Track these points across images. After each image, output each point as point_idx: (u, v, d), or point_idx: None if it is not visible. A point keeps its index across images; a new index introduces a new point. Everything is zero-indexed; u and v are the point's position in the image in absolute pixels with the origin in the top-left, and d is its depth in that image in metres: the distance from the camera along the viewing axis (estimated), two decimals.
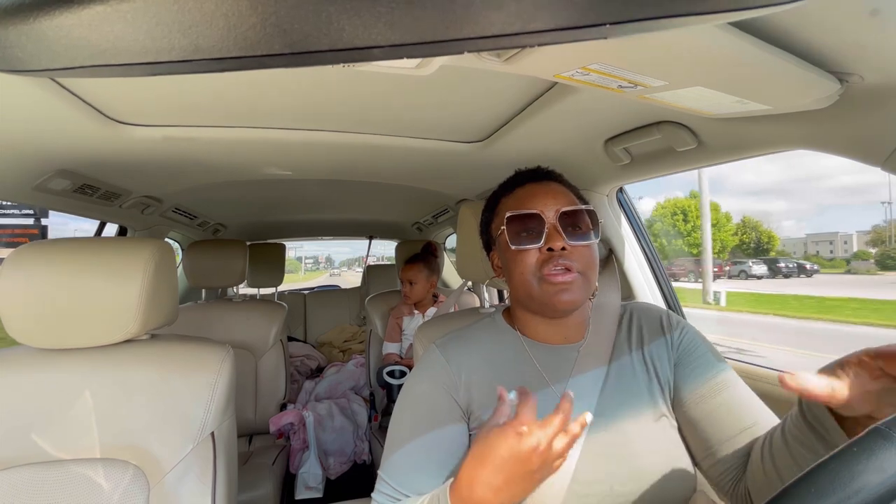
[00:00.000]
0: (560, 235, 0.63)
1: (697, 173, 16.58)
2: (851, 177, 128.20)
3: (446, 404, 0.65)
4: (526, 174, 0.73)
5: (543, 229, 0.64)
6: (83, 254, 0.81)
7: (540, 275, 0.63)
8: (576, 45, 0.44)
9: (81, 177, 1.10)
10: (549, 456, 0.48)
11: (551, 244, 0.63)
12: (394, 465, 0.62)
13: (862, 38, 0.47)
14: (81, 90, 0.74)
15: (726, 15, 0.22)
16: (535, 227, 0.64)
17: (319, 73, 0.71)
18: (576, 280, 0.62)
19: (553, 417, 0.49)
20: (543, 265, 0.63)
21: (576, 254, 0.63)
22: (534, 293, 0.64)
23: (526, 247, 0.64)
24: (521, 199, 0.68)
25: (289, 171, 1.32)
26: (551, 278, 0.62)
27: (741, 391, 0.63)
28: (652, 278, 1.28)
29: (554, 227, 0.64)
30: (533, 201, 0.66)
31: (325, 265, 59.60)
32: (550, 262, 0.62)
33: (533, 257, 0.64)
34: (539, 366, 0.67)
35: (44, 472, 0.74)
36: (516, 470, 0.48)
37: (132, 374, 0.81)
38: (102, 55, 0.19)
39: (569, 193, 0.69)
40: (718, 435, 0.61)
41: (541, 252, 0.64)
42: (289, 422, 1.81)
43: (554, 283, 0.62)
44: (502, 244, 0.68)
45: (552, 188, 0.69)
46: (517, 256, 0.65)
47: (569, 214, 0.65)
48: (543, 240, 0.63)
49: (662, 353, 0.67)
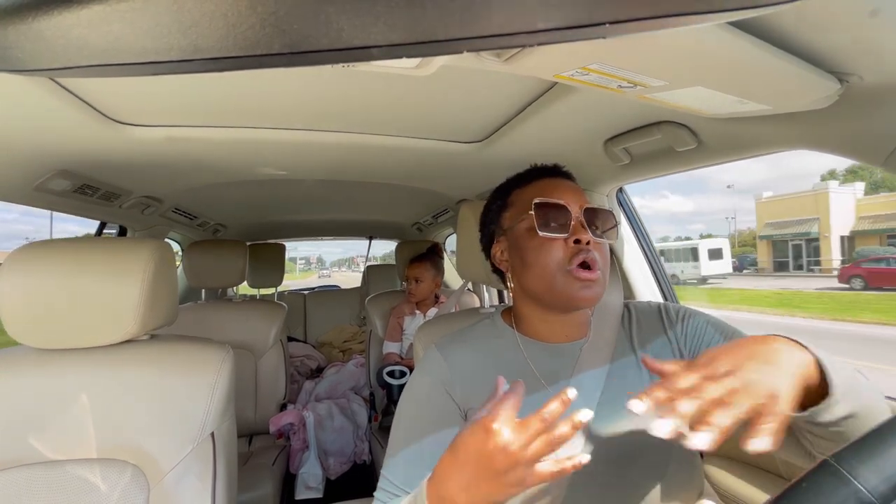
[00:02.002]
0: (586, 230, 0.63)
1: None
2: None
3: (445, 405, 0.65)
4: (545, 169, 0.72)
5: (569, 221, 0.63)
6: (83, 254, 0.81)
7: (567, 268, 0.62)
8: (575, 44, 0.44)
9: (81, 177, 1.10)
10: (520, 457, 0.43)
11: (578, 236, 0.62)
12: (395, 465, 0.62)
13: (861, 39, 0.47)
14: (81, 90, 0.74)
15: (726, 14, 0.22)
16: (561, 219, 0.64)
17: (319, 73, 0.71)
18: (599, 278, 0.62)
19: (532, 418, 0.45)
20: (572, 258, 0.62)
21: (598, 251, 0.63)
22: (556, 286, 0.63)
23: (554, 235, 0.63)
24: (544, 189, 0.67)
25: (289, 171, 1.32)
26: (577, 273, 0.61)
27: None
28: (652, 278, 1.29)
29: (580, 221, 0.64)
30: (559, 193, 0.66)
31: (315, 265, 59.00)
32: (578, 255, 0.62)
33: (559, 249, 0.63)
34: (536, 367, 0.67)
35: (42, 472, 0.74)
36: (482, 468, 0.45)
37: (132, 375, 0.81)
38: (102, 55, 0.19)
39: (583, 192, 0.69)
40: None
41: (567, 244, 0.63)
42: (289, 422, 1.81)
43: (580, 279, 0.61)
44: (521, 232, 0.67)
45: (571, 185, 0.69)
46: (543, 245, 0.64)
47: (592, 212, 0.65)
48: (571, 231, 0.63)
49: (665, 350, 0.67)
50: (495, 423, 0.44)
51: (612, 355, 0.67)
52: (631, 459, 0.60)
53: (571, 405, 0.63)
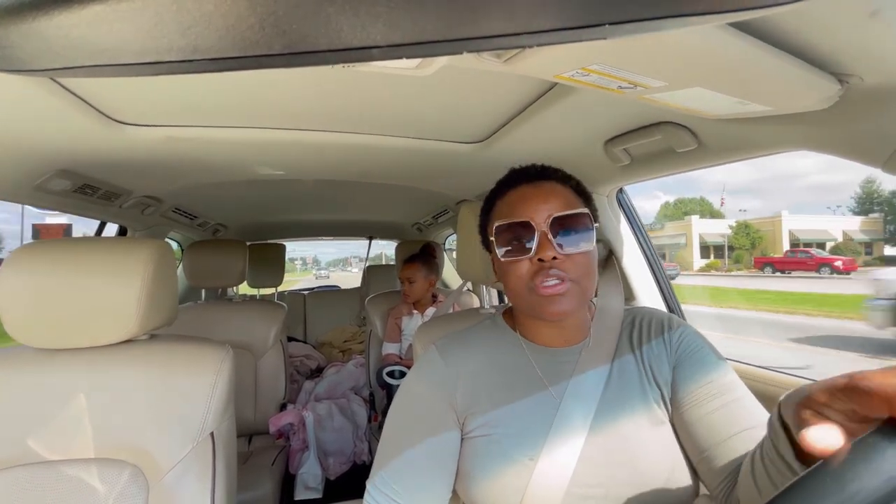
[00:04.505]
0: (551, 244, 0.60)
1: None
2: (824, 175, 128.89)
3: (441, 409, 0.64)
4: (519, 174, 0.69)
5: (534, 238, 0.61)
6: (83, 254, 0.81)
7: (531, 285, 0.61)
8: (576, 45, 0.44)
9: (82, 177, 1.10)
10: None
11: (542, 255, 0.60)
12: (386, 473, 0.61)
13: (862, 39, 0.47)
14: (82, 90, 0.74)
15: (726, 15, 0.21)
16: (525, 236, 0.62)
17: (319, 73, 0.71)
18: (568, 290, 0.60)
19: None
20: (534, 276, 0.61)
21: (569, 262, 0.61)
22: (525, 303, 0.63)
23: (515, 258, 0.62)
24: (511, 204, 0.65)
25: (289, 171, 1.32)
26: (541, 291, 0.60)
27: (740, 396, 0.61)
28: (652, 279, 1.28)
29: (545, 235, 0.61)
30: (523, 207, 0.63)
31: (312, 265, 58.56)
32: (541, 272, 0.60)
33: (524, 268, 0.62)
34: (539, 369, 0.66)
35: (42, 472, 0.74)
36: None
37: (132, 375, 0.81)
38: (102, 55, 0.19)
39: (565, 192, 0.65)
40: (711, 439, 0.59)
41: (531, 262, 0.62)
42: (288, 422, 1.81)
43: (544, 296, 0.60)
44: (494, 250, 0.66)
45: (545, 189, 0.65)
46: (509, 266, 0.63)
47: (561, 220, 0.62)
48: (534, 250, 0.61)
49: (662, 356, 0.66)
50: None
51: (612, 357, 0.67)
52: (631, 460, 0.60)
53: (572, 405, 0.64)
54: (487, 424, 0.63)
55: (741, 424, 0.58)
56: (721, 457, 0.58)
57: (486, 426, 0.62)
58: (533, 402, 0.64)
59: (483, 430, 0.62)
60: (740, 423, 0.58)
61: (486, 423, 0.63)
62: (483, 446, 0.62)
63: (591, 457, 0.60)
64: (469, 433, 0.64)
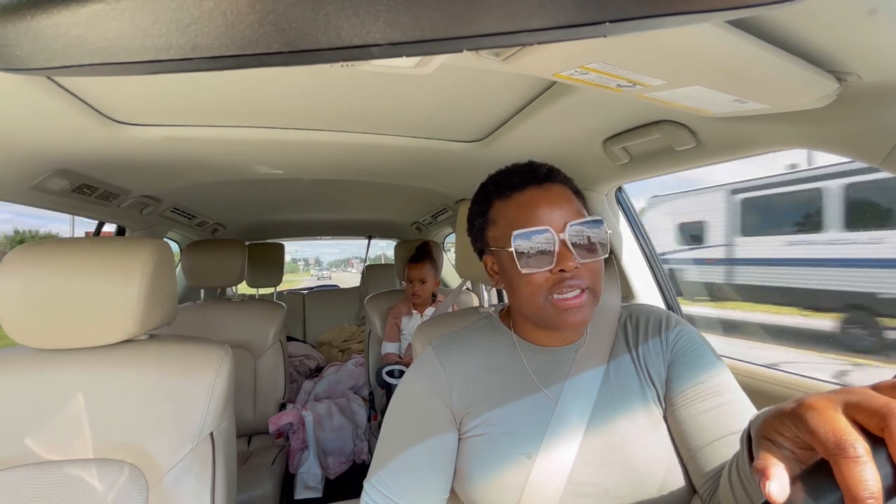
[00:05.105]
0: (571, 254, 0.58)
1: None
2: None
3: (438, 410, 0.64)
4: (523, 174, 0.65)
5: (553, 248, 0.58)
6: (81, 254, 0.80)
7: (549, 297, 0.59)
8: (575, 43, 0.44)
9: (80, 176, 1.10)
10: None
11: (563, 265, 0.58)
12: (384, 473, 0.61)
13: (860, 38, 0.47)
14: (79, 89, 0.73)
15: (725, 14, 0.22)
16: (543, 245, 0.59)
17: (318, 72, 0.71)
18: (586, 299, 0.59)
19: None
20: (554, 287, 0.59)
21: (584, 269, 0.59)
22: (541, 313, 0.61)
23: (536, 270, 0.59)
24: (524, 208, 0.61)
25: (288, 170, 1.32)
26: (561, 303, 0.58)
27: (731, 400, 0.60)
28: (651, 277, 1.29)
29: (564, 244, 0.58)
30: (538, 213, 0.60)
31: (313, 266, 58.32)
32: (561, 283, 0.58)
33: (542, 278, 0.59)
34: (533, 370, 0.66)
35: (41, 472, 0.73)
36: None
37: (131, 375, 0.81)
38: (100, 53, 0.19)
39: (571, 196, 0.64)
40: (699, 440, 0.58)
41: (552, 273, 0.59)
42: (288, 422, 1.81)
43: (564, 308, 0.58)
44: (506, 260, 0.63)
45: (555, 193, 0.62)
46: (526, 278, 0.60)
47: (578, 227, 0.60)
48: (555, 261, 0.58)
49: (658, 354, 0.66)
50: None
51: (608, 356, 0.67)
52: (628, 458, 0.60)
53: (569, 404, 0.64)
54: (484, 424, 0.63)
55: (729, 428, 0.58)
56: (707, 459, 0.57)
57: (483, 425, 0.63)
58: (530, 402, 0.64)
59: (480, 430, 0.63)
60: (728, 427, 0.58)
61: (483, 423, 0.63)
62: (480, 445, 0.62)
63: (588, 455, 0.60)
64: (466, 433, 0.64)
